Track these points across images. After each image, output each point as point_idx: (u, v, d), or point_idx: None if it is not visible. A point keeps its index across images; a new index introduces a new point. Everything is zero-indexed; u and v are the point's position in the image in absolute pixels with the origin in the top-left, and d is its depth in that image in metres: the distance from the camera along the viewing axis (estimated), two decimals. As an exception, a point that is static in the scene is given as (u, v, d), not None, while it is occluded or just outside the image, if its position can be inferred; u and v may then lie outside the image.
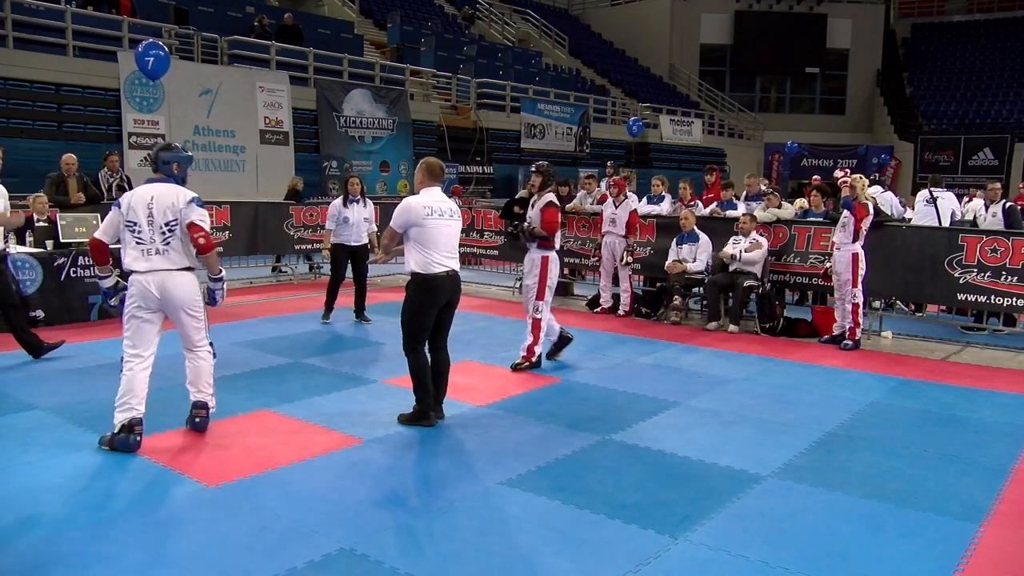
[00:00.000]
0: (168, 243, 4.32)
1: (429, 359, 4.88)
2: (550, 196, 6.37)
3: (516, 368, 6.36)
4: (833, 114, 31.52)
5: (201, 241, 4.35)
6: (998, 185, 9.38)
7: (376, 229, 8.73)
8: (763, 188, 9.77)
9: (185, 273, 4.41)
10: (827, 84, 31.84)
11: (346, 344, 7.30)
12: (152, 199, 4.31)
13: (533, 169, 6.56)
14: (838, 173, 7.45)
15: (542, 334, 6.43)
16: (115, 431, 4.29)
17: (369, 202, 8.45)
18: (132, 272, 4.31)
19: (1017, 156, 24.55)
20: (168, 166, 4.42)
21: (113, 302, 4.57)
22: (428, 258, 4.70)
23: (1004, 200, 9.04)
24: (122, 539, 3.33)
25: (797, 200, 9.87)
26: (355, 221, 8.14)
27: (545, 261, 6.37)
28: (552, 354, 6.71)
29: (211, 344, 4.64)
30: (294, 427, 4.83)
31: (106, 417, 4.87)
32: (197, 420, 4.68)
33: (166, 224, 4.30)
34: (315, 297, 9.76)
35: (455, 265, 4.84)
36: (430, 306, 4.76)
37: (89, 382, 5.74)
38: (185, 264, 4.40)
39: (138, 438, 4.29)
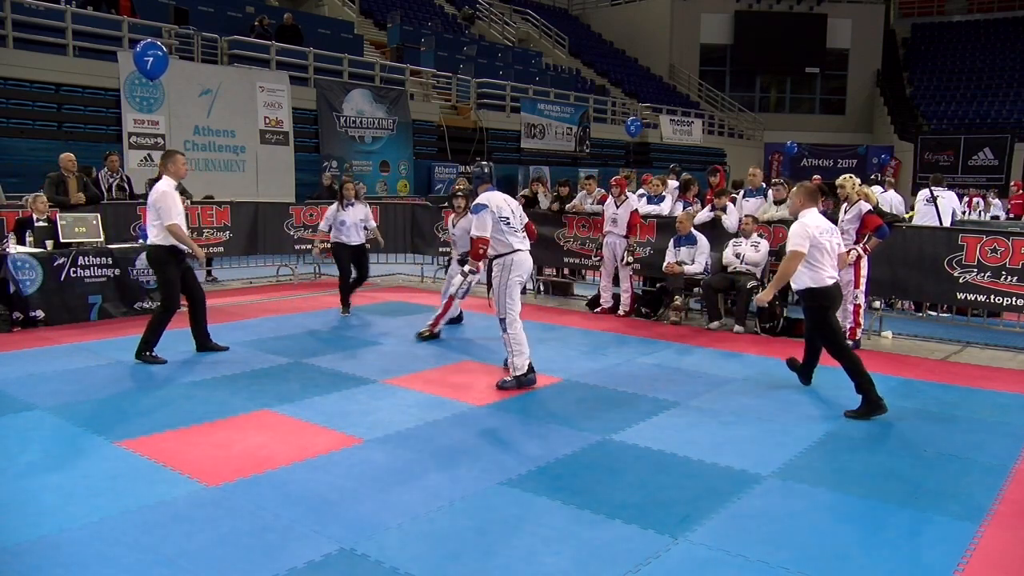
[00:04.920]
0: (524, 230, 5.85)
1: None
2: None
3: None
4: (833, 114, 31.52)
5: (536, 233, 6.16)
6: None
7: (376, 226, 9.18)
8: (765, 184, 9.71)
9: None
10: (827, 84, 31.85)
11: (346, 344, 7.29)
12: (504, 200, 5.70)
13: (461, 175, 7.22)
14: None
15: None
16: (521, 373, 5.63)
17: (365, 204, 8.99)
18: (518, 251, 5.68)
19: (1017, 156, 24.58)
20: (492, 178, 5.71)
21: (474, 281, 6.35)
22: (821, 273, 5.38)
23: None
24: (122, 539, 3.34)
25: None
26: (351, 223, 8.61)
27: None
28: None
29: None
30: (294, 427, 4.83)
31: (106, 417, 4.92)
32: None
33: (520, 217, 5.78)
34: (315, 297, 9.77)
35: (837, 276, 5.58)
36: (833, 311, 5.52)
37: (89, 382, 5.74)
38: None
39: (535, 376, 5.73)
